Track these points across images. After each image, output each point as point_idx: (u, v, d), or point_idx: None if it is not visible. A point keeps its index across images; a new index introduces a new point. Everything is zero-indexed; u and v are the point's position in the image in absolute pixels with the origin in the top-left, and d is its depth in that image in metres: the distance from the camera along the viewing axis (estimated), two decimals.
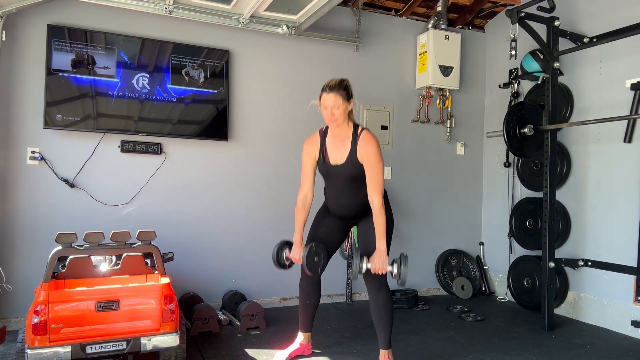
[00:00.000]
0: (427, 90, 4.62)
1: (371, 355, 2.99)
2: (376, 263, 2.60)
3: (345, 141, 2.71)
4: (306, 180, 2.83)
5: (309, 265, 2.63)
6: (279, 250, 2.85)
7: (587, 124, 3.56)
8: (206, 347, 3.12)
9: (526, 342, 3.35)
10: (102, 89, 3.53)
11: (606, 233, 3.75)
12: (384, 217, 2.62)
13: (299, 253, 2.74)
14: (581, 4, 3.98)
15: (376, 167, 2.64)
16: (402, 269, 2.61)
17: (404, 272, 2.61)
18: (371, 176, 2.64)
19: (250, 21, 3.81)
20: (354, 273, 2.60)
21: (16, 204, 3.41)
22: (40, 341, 2.29)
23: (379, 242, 2.62)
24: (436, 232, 4.79)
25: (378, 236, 2.62)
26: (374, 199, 2.62)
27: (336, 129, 2.72)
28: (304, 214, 2.85)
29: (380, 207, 2.60)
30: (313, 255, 2.65)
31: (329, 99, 2.62)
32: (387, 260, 2.62)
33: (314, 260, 2.65)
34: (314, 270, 2.67)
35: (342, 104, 2.62)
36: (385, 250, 2.62)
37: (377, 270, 2.59)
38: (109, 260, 2.77)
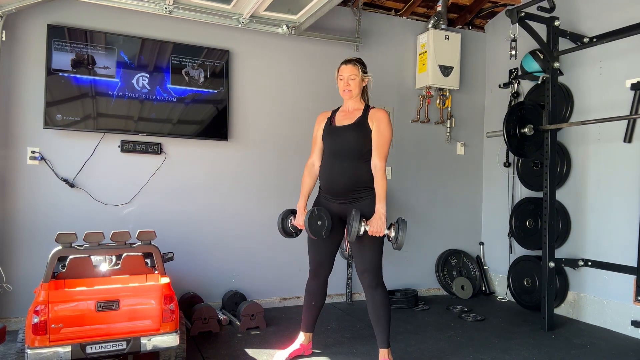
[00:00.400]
0: (427, 90, 4.62)
1: (371, 355, 3.00)
2: (374, 225, 2.59)
3: (355, 113, 2.82)
4: (315, 148, 2.93)
5: (312, 229, 2.64)
6: (284, 219, 2.87)
7: (587, 124, 3.56)
8: (206, 347, 3.12)
9: (526, 342, 3.35)
10: (102, 89, 3.53)
11: (606, 233, 3.75)
12: (385, 181, 2.66)
13: (302, 219, 2.75)
14: (581, 4, 3.98)
15: (385, 134, 2.71)
16: (399, 233, 2.60)
17: (402, 237, 2.60)
18: (378, 141, 2.70)
19: (250, 21, 3.81)
20: (352, 235, 2.56)
21: (16, 204, 3.41)
22: (40, 341, 2.29)
23: (378, 204, 2.63)
24: (436, 232, 4.79)
25: (378, 198, 2.64)
26: (377, 163, 2.68)
27: (349, 101, 2.84)
28: (310, 181, 2.91)
29: (382, 171, 2.67)
30: (315, 219, 2.65)
31: (346, 69, 2.77)
32: (385, 223, 2.61)
33: (317, 224, 2.66)
34: (318, 234, 2.67)
35: (358, 76, 2.77)
36: (384, 213, 2.62)
37: (375, 232, 2.59)
38: (109, 260, 2.77)
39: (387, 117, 2.75)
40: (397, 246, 2.62)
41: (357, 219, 2.55)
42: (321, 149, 2.91)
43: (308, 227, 2.64)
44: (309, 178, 2.91)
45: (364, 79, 2.81)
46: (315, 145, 2.93)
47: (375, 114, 2.75)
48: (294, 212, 2.90)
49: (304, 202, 2.86)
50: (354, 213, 2.57)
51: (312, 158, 2.93)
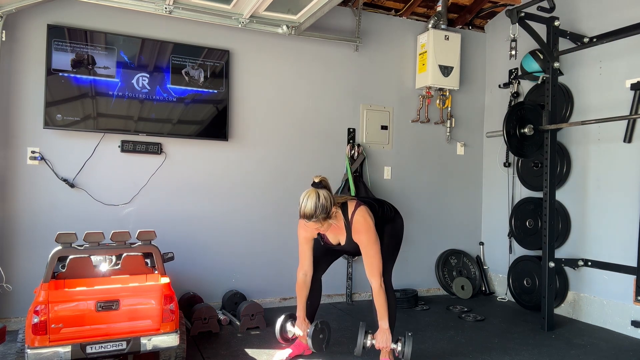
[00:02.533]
0: (427, 90, 4.62)
1: (371, 355, 2.99)
2: (379, 341, 2.66)
3: (339, 225, 2.70)
4: (305, 259, 2.83)
5: (314, 344, 2.72)
6: (283, 325, 2.91)
7: (587, 124, 3.55)
8: (206, 347, 3.12)
9: (526, 342, 3.35)
10: (102, 89, 3.53)
11: (606, 233, 3.75)
12: (384, 297, 2.65)
13: (302, 330, 2.81)
14: (581, 4, 3.98)
15: (369, 252, 2.63)
16: (406, 347, 2.66)
17: (408, 351, 2.65)
18: (366, 260, 2.65)
19: (250, 21, 3.80)
20: (357, 350, 2.66)
21: (16, 204, 3.41)
22: (40, 341, 2.29)
23: (381, 322, 2.67)
24: (436, 232, 4.79)
25: (380, 316, 2.66)
26: (372, 281, 2.65)
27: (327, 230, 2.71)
28: (306, 291, 2.88)
29: (379, 289, 2.63)
30: (318, 333, 2.74)
31: (310, 225, 2.59)
32: (390, 338, 2.66)
33: (319, 338, 2.74)
34: (319, 347, 2.75)
35: (324, 222, 2.57)
36: (389, 329, 2.66)
37: (381, 347, 2.66)
38: (109, 260, 2.77)
39: (366, 235, 2.62)
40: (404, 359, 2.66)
41: (362, 333, 2.66)
42: (311, 258, 2.83)
43: (312, 342, 2.71)
44: (304, 289, 2.86)
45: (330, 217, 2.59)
46: (304, 256, 2.82)
47: (356, 235, 2.64)
48: (292, 317, 2.93)
49: (303, 312, 2.87)
50: (360, 327, 2.68)
51: (304, 269, 2.84)
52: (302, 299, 2.87)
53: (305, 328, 2.82)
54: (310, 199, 2.50)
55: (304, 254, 2.82)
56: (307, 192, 2.53)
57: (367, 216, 2.65)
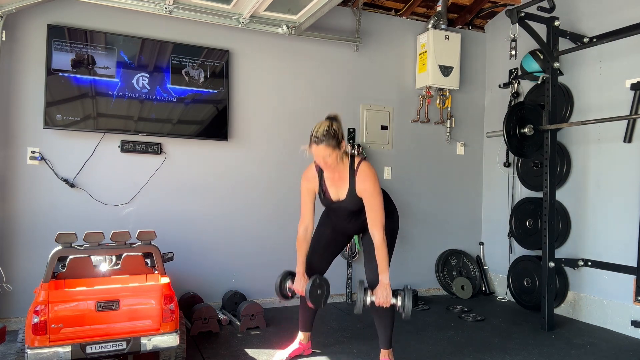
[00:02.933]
0: (427, 90, 4.62)
1: (371, 355, 3.00)
2: (379, 296, 2.63)
3: (343, 176, 2.69)
4: (306, 212, 2.81)
5: (312, 298, 2.68)
6: (282, 281, 2.88)
7: (587, 124, 3.56)
8: (206, 347, 3.12)
9: (526, 342, 3.35)
10: (102, 89, 3.53)
11: (606, 233, 3.75)
12: (386, 251, 2.63)
13: (301, 285, 2.76)
14: (581, 4, 3.98)
15: (375, 203, 2.63)
16: (405, 301, 2.64)
17: (408, 305, 2.64)
18: (370, 212, 2.64)
19: (250, 21, 3.81)
20: (357, 307, 2.63)
21: (16, 204, 3.41)
22: (40, 341, 2.29)
23: (381, 275, 2.64)
24: (436, 232, 4.79)
25: (381, 269, 2.64)
26: (374, 234, 2.63)
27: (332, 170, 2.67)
28: (306, 245, 2.85)
29: (381, 242, 2.61)
30: (316, 288, 2.70)
31: (318, 150, 2.56)
32: (390, 293, 2.64)
33: (317, 293, 2.70)
34: (317, 302, 2.72)
35: (333, 152, 2.55)
36: (389, 283, 2.64)
37: (381, 303, 2.63)
38: (109, 260, 2.77)
39: (371, 183, 2.62)
40: (405, 315, 2.64)
41: (362, 291, 2.64)
42: (313, 212, 2.83)
43: (309, 296, 2.68)
44: (304, 243, 2.84)
45: (340, 148, 2.59)
46: (305, 210, 2.82)
47: (361, 184, 2.63)
48: (292, 274, 2.89)
49: (303, 267, 2.83)
50: (359, 284, 2.65)
51: (305, 222, 2.82)
52: (302, 253, 2.83)
53: (304, 284, 2.74)
54: (323, 125, 2.56)
55: (306, 207, 2.81)
56: (321, 121, 2.60)
57: (372, 168, 2.69)
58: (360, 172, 2.64)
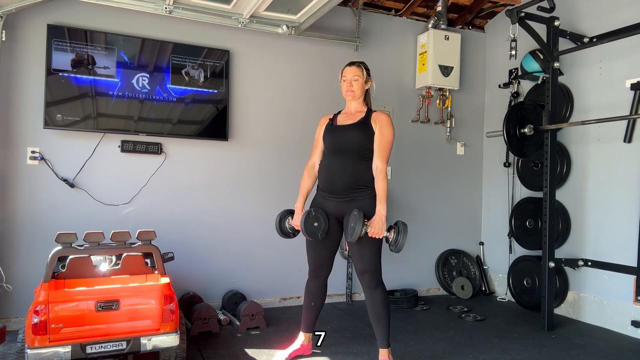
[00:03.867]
0: (427, 90, 4.62)
1: (371, 355, 3.00)
2: (375, 227, 2.58)
3: (357, 114, 2.83)
4: (316, 149, 2.93)
5: (308, 230, 2.65)
6: (282, 219, 2.88)
7: (587, 124, 3.56)
8: (206, 347, 3.12)
9: (526, 342, 3.35)
10: (102, 88, 3.53)
11: (606, 233, 3.75)
12: (386, 182, 2.66)
13: (300, 219, 2.74)
14: (581, 4, 3.98)
15: (388, 136, 2.73)
16: (399, 236, 2.60)
17: (402, 240, 2.60)
18: (380, 143, 2.71)
19: (250, 21, 3.81)
20: (353, 236, 2.53)
21: (16, 204, 3.41)
22: (40, 341, 2.29)
23: (379, 205, 2.63)
24: (436, 232, 4.79)
25: (379, 199, 2.64)
26: (378, 164, 2.68)
27: (352, 102, 2.84)
28: (310, 181, 2.91)
29: (383, 172, 2.67)
30: (312, 220, 2.67)
31: (350, 71, 2.79)
32: (385, 224, 2.61)
33: (313, 225, 2.67)
34: (314, 235, 2.68)
35: (361, 77, 2.78)
36: (385, 214, 2.61)
37: (375, 234, 2.58)
38: (109, 260, 2.77)
39: (389, 120, 2.77)
40: (397, 249, 2.61)
41: (359, 220, 2.52)
42: (322, 151, 2.90)
43: (304, 227, 2.65)
44: (308, 178, 2.91)
45: (367, 82, 2.83)
46: (317, 147, 2.93)
47: (379, 117, 2.76)
48: (292, 213, 2.91)
49: (302, 202, 2.87)
50: (356, 213, 2.54)
51: (313, 159, 2.93)
52: (304, 188, 2.89)
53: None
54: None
55: (317, 145, 2.93)
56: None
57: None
58: (378, 113, 2.80)
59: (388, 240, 2.65)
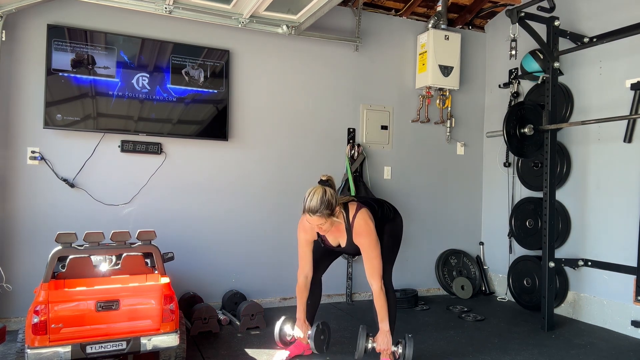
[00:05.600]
0: (427, 90, 4.62)
1: (371, 355, 2.99)
2: (380, 344, 2.65)
3: (340, 228, 2.72)
4: (305, 262, 2.84)
5: (317, 345, 2.74)
6: (282, 328, 2.92)
7: (587, 124, 3.55)
8: (206, 346, 3.12)
9: (526, 342, 3.35)
10: (102, 88, 3.53)
11: (606, 233, 3.75)
12: (385, 299, 2.65)
13: (303, 331, 2.83)
14: (581, 4, 3.98)
15: (370, 255, 2.65)
16: (407, 350, 2.65)
17: (409, 354, 2.65)
18: (367, 262, 2.66)
19: (250, 21, 3.80)
20: (358, 353, 2.65)
21: (16, 204, 3.41)
22: (40, 341, 2.29)
23: (381, 324, 2.67)
24: (436, 232, 4.79)
25: (380, 318, 2.67)
26: (372, 284, 2.66)
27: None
28: (306, 293, 2.89)
29: (379, 291, 2.64)
30: (320, 334, 2.76)
31: (313, 221, 2.57)
32: (391, 340, 2.66)
33: (320, 339, 2.76)
34: (320, 348, 2.77)
35: (328, 220, 2.57)
36: (389, 331, 2.67)
37: (382, 350, 2.66)
38: (109, 260, 2.77)
39: (367, 238, 2.64)
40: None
41: (363, 336, 2.66)
42: (312, 260, 2.84)
43: (314, 344, 2.73)
44: (304, 291, 2.87)
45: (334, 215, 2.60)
46: (305, 257, 2.84)
47: (357, 238, 2.66)
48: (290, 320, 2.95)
49: (303, 314, 2.88)
50: (361, 330, 2.68)
51: (304, 271, 2.85)
52: (302, 301, 2.88)
53: (305, 330, 2.83)
54: (316, 194, 2.53)
55: (304, 256, 2.83)
56: (313, 188, 2.58)
57: (368, 219, 2.66)
58: (356, 227, 2.66)
59: (396, 356, 2.70)
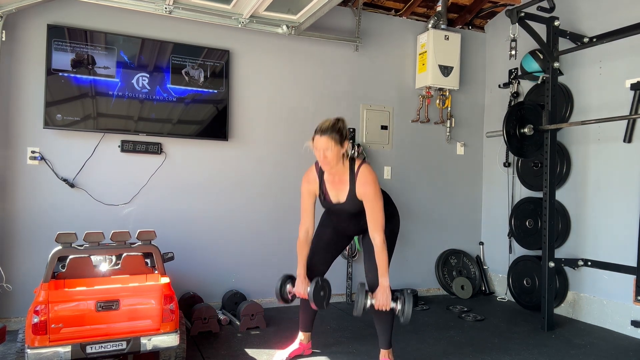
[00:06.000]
0: (427, 90, 4.62)
1: (371, 355, 3.00)
2: (379, 299, 2.62)
3: (343, 179, 2.69)
4: (307, 215, 2.81)
5: (315, 300, 2.69)
6: (282, 285, 2.88)
7: (587, 124, 3.56)
8: (206, 346, 3.12)
9: (526, 342, 3.35)
10: (102, 88, 3.53)
11: (606, 233, 3.75)
12: (386, 254, 2.64)
13: (303, 287, 2.76)
14: (581, 4, 3.98)
15: (375, 206, 2.63)
16: (405, 305, 2.63)
17: (408, 309, 2.63)
18: (371, 214, 2.64)
19: (250, 21, 3.81)
20: (357, 309, 2.62)
21: (16, 204, 3.41)
22: (40, 341, 2.29)
23: (381, 278, 2.64)
24: (436, 232, 4.79)
25: (381, 272, 2.64)
26: (375, 237, 2.63)
27: (331, 170, 2.66)
28: (306, 248, 2.85)
29: (382, 245, 2.61)
30: (319, 290, 2.70)
31: (321, 142, 2.57)
32: (390, 296, 2.64)
33: (319, 295, 2.71)
34: (320, 304, 2.72)
35: (335, 147, 2.56)
36: (388, 286, 2.64)
37: (381, 306, 2.62)
38: (109, 260, 2.77)
39: (372, 187, 2.63)
40: (404, 319, 2.62)
41: (362, 293, 2.63)
42: (313, 215, 2.83)
43: (313, 298, 2.68)
44: (305, 246, 2.84)
45: (342, 147, 2.61)
46: (306, 212, 2.82)
47: (361, 187, 2.64)
48: (291, 278, 2.89)
49: (304, 270, 2.83)
50: (359, 287, 2.65)
51: (306, 225, 2.81)
52: (302, 256, 2.84)
53: (305, 286, 2.75)
54: (330, 120, 2.62)
55: (306, 209, 2.81)
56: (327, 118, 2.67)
57: (372, 171, 2.69)
58: (361, 176, 2.64)
59: (395, 311, 2.68)
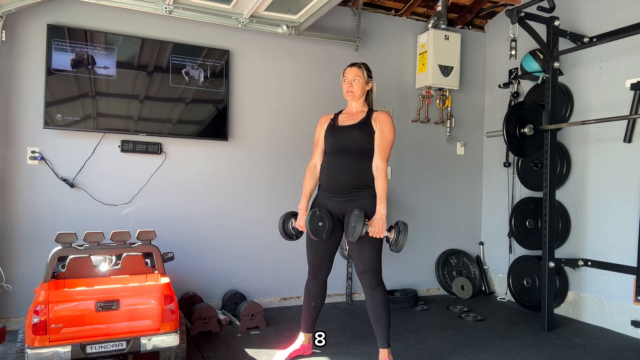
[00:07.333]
0: (427, 90, 4.62)
1: (371, 355, 3.00)
2: (375, 226, 2.59)
3: (358, 115, 2.84)
4: (317, 149, 2.93)
5: (313, 230, 2.64)
6: (285, 221, 2.87)
7: (587, 124, 3.56)
8: (206, 346, 3.12)
9: (526, 342, 3.35)
10: (102, 88, 3.53)
11: (606, 233, 3.75)
12: (386, 181, 2.67)
13: (304, 220, 2.74)
14: (581, 4, 3.98)
15: (388, 136, 2.74)
16: (400, 235, 2.60)
17: (402, 240, 2.60)
18: (381, 143, 2.72)
19: (250, 21, 3.81)
20: (354, 235, 2.53)
21: (16, 204, 3.41)
22: (40, 341, 2.29)
23: (379, 205, 2.63)
24: (436, 232, 4.79)
25: (379, 199, 2.64)
26: (379, 164, 2.69)
27: (352, 103, 2.86)
28: (312, 182, 2.90)
29: (384, 171, 2.67)
30: (317, 220, 2.66)
31: (351, 71, 2.81)
32: (385, 224, 2.61)
33: (318, 225, 2.66)
34: (319, 234, 2.67)
35: (362, 78, 2.80)
36: (385, 213, 2.62)
37: (376, 233, 2.58)
38: (109, 260, 2.77)
39: (390, 120, 2.78)
40: (397, 249, 2.62)
41: (359, 220, 2.53)
42: (323, 150, 2.91)
43: (309, 227, 2.64)
44: (310, 179, 2.90)
45: (367, 83, 2.84)
46: (317, 147, 2.93)
47: (379, 116, 2.77)
48: (295, 215, 2.89)
49: (306, 202, 2.85)
50: (357, 213, 2.55)
51: (314, 159, 2.92)
52: (307, 189, 2.88)
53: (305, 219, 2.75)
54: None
55: (317, 145, 2.93)
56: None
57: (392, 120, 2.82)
58: (378, 113, 2.80)
59: (389, 240, 2.65)
